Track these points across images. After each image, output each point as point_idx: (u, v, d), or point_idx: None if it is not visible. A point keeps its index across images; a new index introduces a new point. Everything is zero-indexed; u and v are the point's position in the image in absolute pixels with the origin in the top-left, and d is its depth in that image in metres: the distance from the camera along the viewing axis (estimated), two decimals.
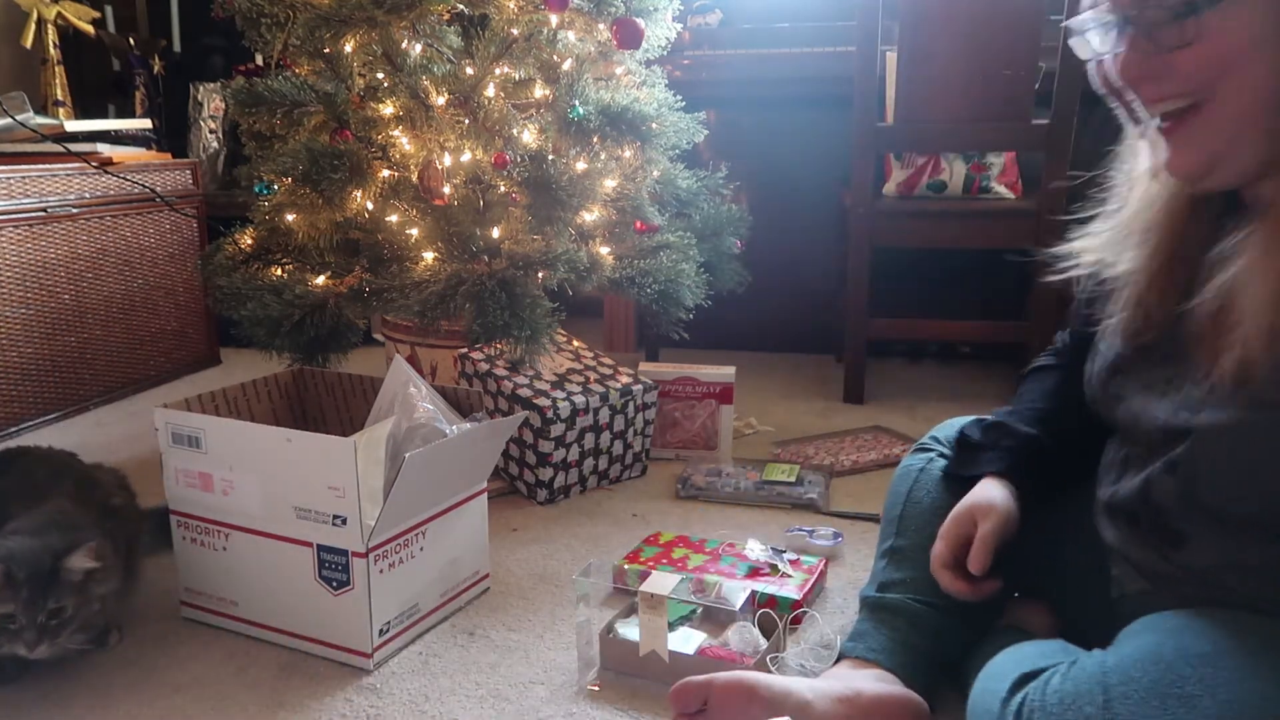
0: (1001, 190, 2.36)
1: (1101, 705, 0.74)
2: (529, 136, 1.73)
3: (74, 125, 2.35)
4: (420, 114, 1.70)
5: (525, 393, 1.64)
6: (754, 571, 1.33)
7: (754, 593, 1.16)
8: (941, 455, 1.16)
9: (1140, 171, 0.86)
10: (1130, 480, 0.88)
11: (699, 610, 1.19)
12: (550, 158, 1.66)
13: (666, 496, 1.72)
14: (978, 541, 0.97)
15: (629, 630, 1.14)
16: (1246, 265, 0.73)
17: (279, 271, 1.86)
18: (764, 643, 1.10)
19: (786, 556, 1.37)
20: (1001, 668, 0.88)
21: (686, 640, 1.12)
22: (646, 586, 1.07)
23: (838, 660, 1.05)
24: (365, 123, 1.75)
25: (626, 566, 1.33)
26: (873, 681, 0.98)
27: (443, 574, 1.27)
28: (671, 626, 1.14)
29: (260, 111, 1.81)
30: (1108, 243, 0.88)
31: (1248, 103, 0.69)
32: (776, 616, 1.15)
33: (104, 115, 3.11)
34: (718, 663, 1.06)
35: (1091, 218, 0.91)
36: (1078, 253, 0.91)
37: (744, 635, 1.11)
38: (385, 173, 1.74)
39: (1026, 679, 0.83)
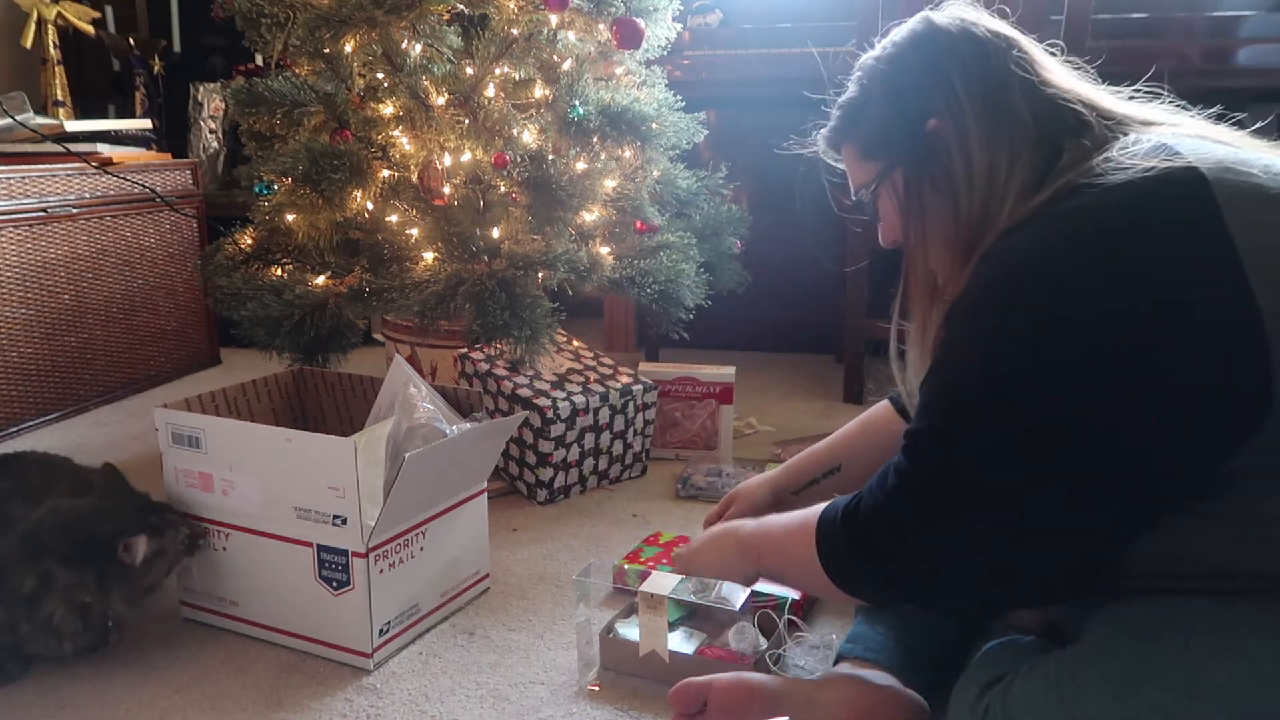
0: None
1: (1056, 702, 0.77)
2: (529, 136, 1.73)
3: (74, 125, 2.35)
4: (420, 114, 1.70)
5: (525, 393, 1.64)
6: None
7: (754, 593, 1.16)
8: None
9: None
10: None
11: (697, 610, 1.19)
12: (550, 158, 1.67)
13: (666, 496, 1.72)
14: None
15: (629, 630, 1.14)
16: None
17: (279, 271, 1.86)
18: (764, 643, 1.10)
19: None
20: (973, 672, 0.91)
21: (686, 640, 1.12)
22: (646, 586, 1.07)
23: (837, 661, 1.05)
24: (365, 123, 1.75)
25: (626, 566, 1.33)
26: (872, 681, 0.98)
27: (443, 574, 1.27)
28: (671, 627, 1.14)
29: (260, 111, 1.81)
30: None
31: (911, 250, 0.95)
32: (776, 616, 1.15)
33: (104, 115, 3.11)
34: (717, 663, 1.06)
35: None
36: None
37: (744, 635, 1.11)
38: (385, 173, 1.74)
39: (993, 683, 0.85)
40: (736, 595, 1.10)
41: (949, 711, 0.91)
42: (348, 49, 1.71)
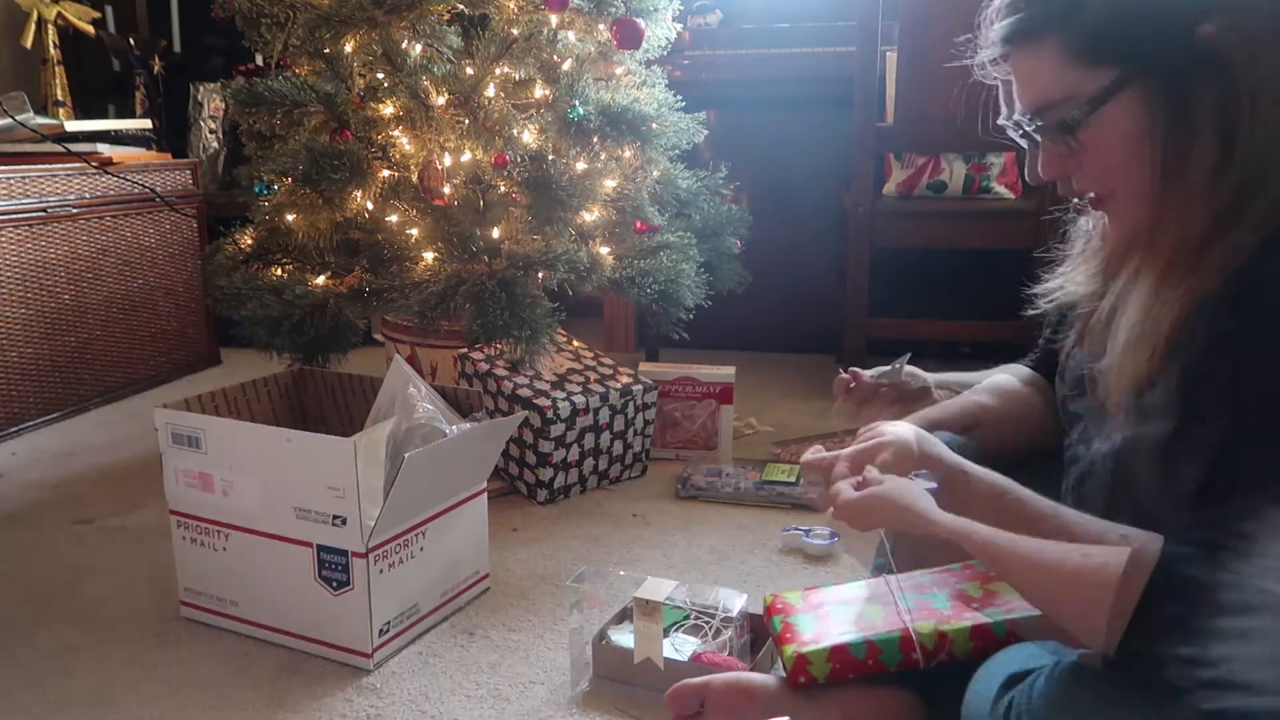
0: (1001, 190, 2.35)
1: (1092, 702, 0.74)
2: (529, 136, 1.73)
3: (74, 125, 2.35)
4: (420, 114, 1.70)
5: (525, 393, 1.64)
6: None
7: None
8: None
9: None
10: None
11: (690, 615, 1.18)
12: (550, 158, 1.67)
13: (666, 496, 1.72)
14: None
15: (621, 637, 1.13)
16: (1128, 300, 0.81)
17: (279, 271, 1.86)
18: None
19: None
20: (991, 670, 0.88)
21: (680, 647, 1.11)
22: (641, 593, 1.07)
23: None
24: (365, 123, 1.75)
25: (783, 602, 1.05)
26: (870, 680, 0.98)
27: (443, 574, 1.27)
28: (664, 633, 1.13)
29: (260, 111, 1.81)
30: (1070, 278, 0.94)
31: (1140, 195, 0.78)
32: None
33: (104, 115, 3.10)
34: (712, 668, 1.06)
35: (1064, 259, 0.95)
36: (1053, 290, 0.96)
37: (738, 641, 1.10)
38: (385, 173, 1.74)
39: (1014, 681, 0.83)
40: (733, 601, 1.10)
41: (964, 708, 0.90)
42: (348, 49, 1.71)
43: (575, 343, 1.87)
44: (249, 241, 1.91)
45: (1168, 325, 0.75)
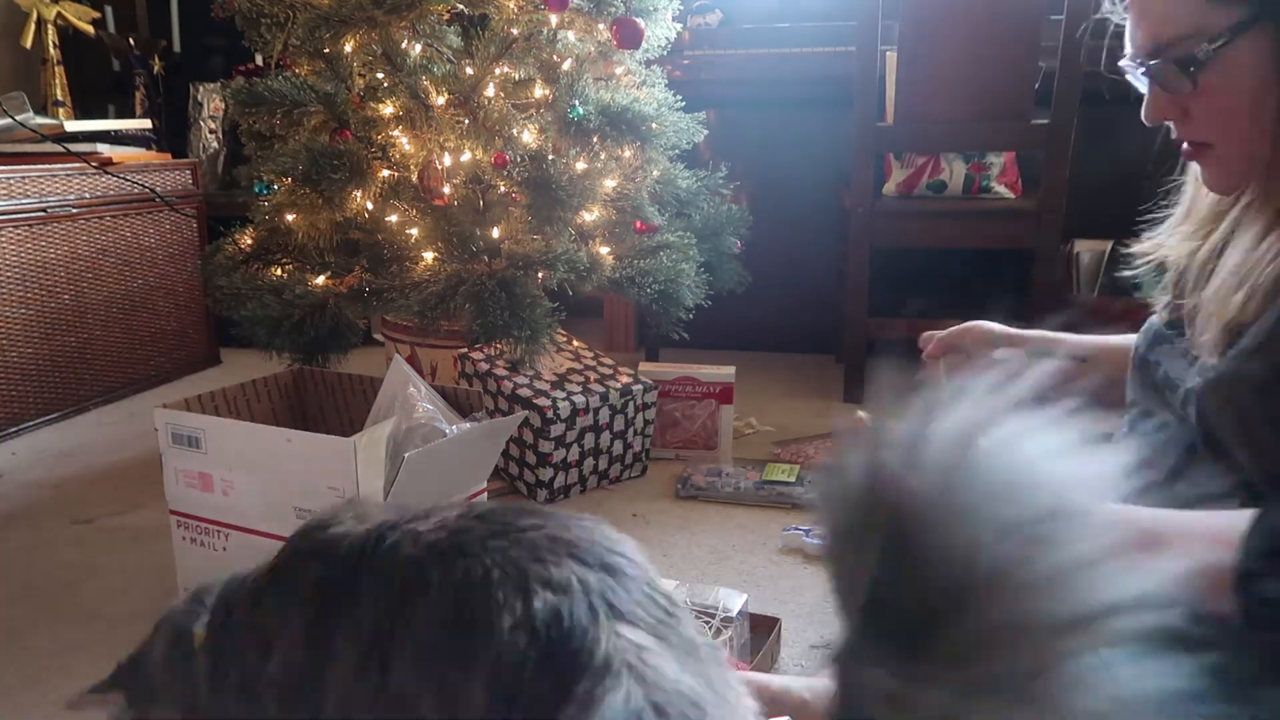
0: (1001, 190, 2.35)
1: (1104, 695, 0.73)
2: (529, 136, 1.73)
3: (74, 125, 2.35)
4: (420, 114, 1.70)
5: (525, 393, 1.64)
6: None
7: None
8: None
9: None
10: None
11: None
12: (550, 158, 1.67)
13: (666, 496, 1.72)
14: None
15: None
16: (1233, 240, 0.82)
17: (279, 271, 1.86)
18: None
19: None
20: None
21: None
22: None
23: None
24: (365, 123, 1.75)
25: None
26: None
27: None
28: None
29: (260, 111, 1.81)
30: (1171, 231, 0.94)
31: (1252, 143, 0.78)
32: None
33: (104, 115, 3.10)
34: None
35: (1165, 218, 0.95)
36: (1154, 248, 0.95)
37: (738, 641, 1.10)
38: (385, 173, 1.74)
39: None
40: (733, 601, 1.10)
41: None
42: (348, 49, 1.71)
43: (575, 343, 1.87)
44: (249, 241, 1.91)
45: (1274, 271, 0.74)
